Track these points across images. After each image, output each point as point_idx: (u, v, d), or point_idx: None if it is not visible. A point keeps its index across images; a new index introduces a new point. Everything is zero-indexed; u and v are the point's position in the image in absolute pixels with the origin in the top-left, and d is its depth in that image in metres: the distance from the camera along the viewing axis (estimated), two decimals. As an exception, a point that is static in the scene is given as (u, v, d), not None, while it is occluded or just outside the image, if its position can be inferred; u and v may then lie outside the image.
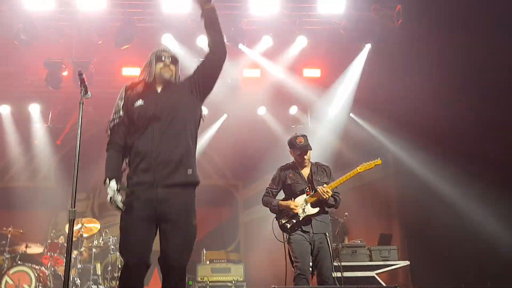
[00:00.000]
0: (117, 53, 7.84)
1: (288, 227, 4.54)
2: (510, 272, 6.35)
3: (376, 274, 6.04)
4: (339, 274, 5.79)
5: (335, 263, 5.83)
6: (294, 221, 4.49)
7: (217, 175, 9.88)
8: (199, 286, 6.64)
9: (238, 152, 9.20)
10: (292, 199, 4.58)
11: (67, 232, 7.68)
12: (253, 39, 7.80)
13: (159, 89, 3.18)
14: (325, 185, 4.44)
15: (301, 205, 4.49)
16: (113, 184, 2.93)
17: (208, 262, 6.98)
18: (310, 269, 4.47)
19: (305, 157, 4.62)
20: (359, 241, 6.49)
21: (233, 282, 6.69)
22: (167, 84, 3.20)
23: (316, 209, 4.46)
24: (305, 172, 4.70)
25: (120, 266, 7.20)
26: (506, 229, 6.56)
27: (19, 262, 6.73)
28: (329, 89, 8.72)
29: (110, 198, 2.90)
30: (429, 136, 7.87)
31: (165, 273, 2.90)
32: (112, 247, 7.45)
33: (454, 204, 7.32)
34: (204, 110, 3.23)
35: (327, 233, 4.48)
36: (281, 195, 4.87)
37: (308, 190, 4.55)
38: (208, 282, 6.66)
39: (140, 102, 3.11)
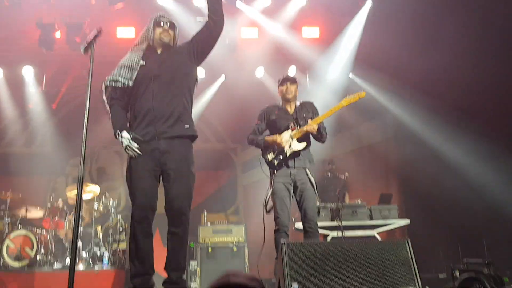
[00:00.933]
0: (111, 13, 7.62)
1: (276, 163, 4.53)
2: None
3: (377, 232, 6.07)
4: (340, 234, 5.88)
5: (335, 223, 5.97)
6: (281, 157, 4.48)
7: (216, 138, 9.82)
8: (201, 247, 6.67)
9: (236, 114, 9.08)
10: (278, 135, 4.54)
11: (66, 195, 7.75)
12: (251, -4, 7.60)
13: (159, 51, 3.51)
14: (309, 120, 4.45)
15: (287, 141, 4.47)
16: (125, 134, 3.28)
17: (209, 224, 6.99)
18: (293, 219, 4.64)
19: (291, 88, 4.61)
20: (359, 201, 6.49)
21: (235, 243, 6.72)
22: (167, 47, 3.52)
23: (303, 144, 4.46)
24: (290, 108, 4.68)
25: (121, 229, 7.24)
26: (509, 188, 6.59)
27: (19, 226, 6.73)
28: (328, 48, 8.54)
29: (127, 146, 3.27)
30: (430, 95, 7.78)
31: (171, 218, 3.31)
32: (112, 210, 7.45)
33: (456, 164, 7.32)
34: (201, 74, 3.41)
35: (307, 169, 4.49)
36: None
37: (293, 126, 4.54)
38: (209, 243, 6.69)
39: (142, 62, 3.42)
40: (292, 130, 4.51)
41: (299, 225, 6.12)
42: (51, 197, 7.57)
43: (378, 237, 6.03)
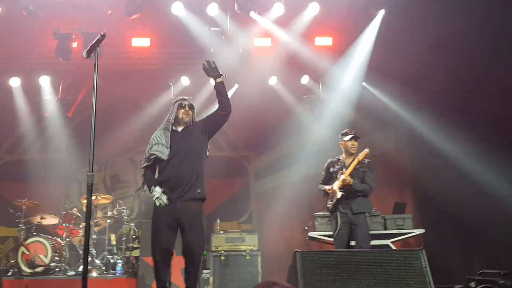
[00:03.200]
0: (126, 23, 7.72)
1: (330, 208, 5.31)
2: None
3: (391, 242, 6.01)
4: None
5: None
6: (332, 202, 5.25)
7: (229, 146, 9.83)
8: (214, 255, 6.67)
9: (249, 123, 9.10)
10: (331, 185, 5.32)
11: (81, 203, 7.83)
12: (265, 6, 7.62)
13: (179, 129, 4.42)
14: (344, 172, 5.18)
15: (335, 190, 5.22)
16: (157, 188, 4.21)
17: (222, 232, 7.00)
18: None
19: (354, 143, 5.38)
20: (373, 210, 6.43)
21: (248, 251, 6.71)
22: (186, 125, 4.43)
23: (340, 193, 5.15)
24: (347, 161, 5.34)
25: (134, 237, 7.28)
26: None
27: (34, 233, 6.80)
28: (341, 57, 8.53)
29: (157, 197, 4.17)
30: (443, 104, 7.74)
31: (188, 258, 4.15)
32: (125, 218, 7.50)
33: (470, 173, 7.24)
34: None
35: (365, 213, 5.15)
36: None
37: (338, 176, 5.26)
38: (222, 252, 6.69)
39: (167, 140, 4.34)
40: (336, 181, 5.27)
41: (312, 234, 6.14)
42: (65, 204, 7.66)
43: (392, 246, 5.99)
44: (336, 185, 5.22)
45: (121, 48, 8.35)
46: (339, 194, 5.15)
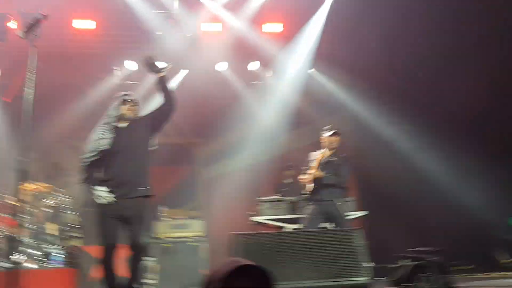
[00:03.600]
0: (69, 4, 7.40)
1: (306, 197, 5.62)
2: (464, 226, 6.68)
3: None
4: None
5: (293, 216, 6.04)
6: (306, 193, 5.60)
7: (176, 133, 9.67)
8: (159, 242, 6.57)
9: (197, 109, 8.99)
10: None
11: (19, 192, 7.45)
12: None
13: (123, 126, 4.31)
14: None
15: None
16: (99, 187, 4.15)
17: (167, 219, 6.89)
18: None
19: (327, 140, 5.68)
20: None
21: (193, 237, 6.66)
22: (131, 121, 4.33)
23: (311, 185, 5.47)
24: (325, 154, 5.65)
25: (75, 227, 7.03)
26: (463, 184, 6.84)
27: (-33, 224, 6.42)
28: (290, 44, 8.58)
29: (101, 197, 4.13)
30: (386, 93, 7.97)
31: (132, 249, 4.17)
32: (67, 207, 7.22)
33: (412, 159, 7.53)
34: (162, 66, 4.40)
35: (334, 199, 5.37)
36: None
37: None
38: (168, 239, 6.60)
39: (112, 136, 4.24)
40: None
41: (257, 218, 6.19)
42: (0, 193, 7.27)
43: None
44: (308, 175, 5.55)
45: (63, 30, 7.98)
46: (310, 186, 5.47)
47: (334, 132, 5.69)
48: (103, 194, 4.12)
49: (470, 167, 7.03)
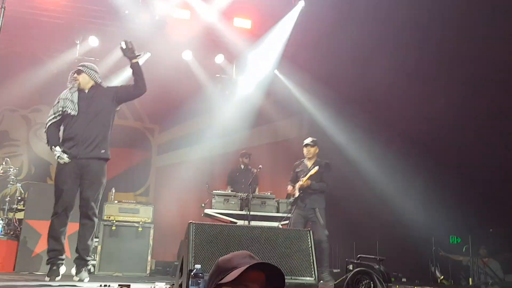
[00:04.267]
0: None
1: (291, 202, 6.21)
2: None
3: (281, 225, 6.27)
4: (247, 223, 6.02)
5: (244, 212, 6.13)
6: (292, 199, 6.20)
7: (133, 116, 9.53)
8: (105, 224, 6.46)
9: (157, 95, 8.75)
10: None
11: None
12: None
13: (86, 90, 4.61)
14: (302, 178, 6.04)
15: (296, 189, 6.12)
16: (58, 148, 4.41)
17: (116, 202, 6.79)
18: None
19: (310, 150, 6.20)
20: (269, 193, 6.67)
21: (141, 223, 6.60)
22: (94, 87, 4.63)
23: (298, 193, 6.08)
24: (309, 164, 6.21)
25: (19, 198, 6.81)
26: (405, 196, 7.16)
27: None
28: (258, 42, 8.63)
29: (58, 156, 4.38)
30: (345, 99, 8.20)
31: (83, 213, 4.47)
32: (12, 177, 6.96)
33: (360, 167, 7.80)
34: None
35: (316, 208, 5.98)
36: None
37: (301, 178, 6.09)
38: (114, 221, 6.51)
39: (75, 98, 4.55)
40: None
41: (208, 211, 6.22)
42: None
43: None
44: (297, 184, 6.11)
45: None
46: (297, 193, 6.08)
47: (307, 144, 6.25)
48: (59, 154, 4.37)
49: (417, 184, 7.40)
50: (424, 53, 7.21)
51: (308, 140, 6.32)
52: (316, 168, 5.97)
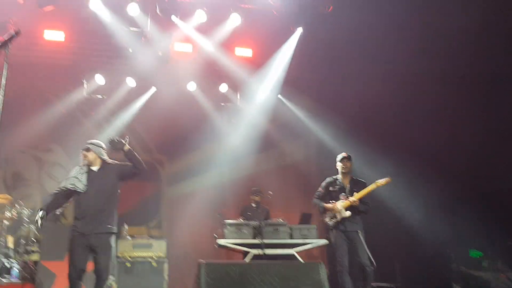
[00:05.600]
0: (39, 15, 7.32)
1: (330, 225, 5.78)
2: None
3: (296, 251, 6.23)
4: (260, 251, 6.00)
5: (256, 241, 6.12)
6: (334, 220, 5.75)
7: (142, 149, 9.62)
8: (119, 261, 6.48)
9: (165, 126, 9.04)
10: (334, 202, 5.81)
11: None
12: (187, 12, 7.61)
13: (95, 169, 4.84)
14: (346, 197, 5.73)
15: (340, 209, 5.70)
16: (41, 212, 4.64)
17: (129, 238, 6.82)
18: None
19: (347, 164, 5.89)
20: (280, 220, 6.65)
21: (155, 258, 6.60)
22: (102, 164, 4.86)
23: (348, 213, 5.66)
24: (345, 181, 5.92)
25: (34, 240, 6.90)
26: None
27: None
28: (260, 69, 8.79)
29: (36, 220, 4.61)
30: (351, 120, 8.24)
31: (98, 278, 4.60)
32: (25, 219, 7.06)
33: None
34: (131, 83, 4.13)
35: (358, 231, 5.65)
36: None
37: (342, 197, 5.77)
38: (128, 258, 6.52)
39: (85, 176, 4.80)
40: (342, 201, 5.74)
41: (222, 241, 6.20)
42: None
43: (297, 256, 6.19)
44: (340, 204, 5.72)
45: (32, 39, 7.89)
46: (347, 214, 5.67)
47: (343, 157, 5.95)
48: (37, 217, 4.62)
49: (437, 203, 7.32)
50: (428, 70, 7.24)
51: (344, 154, 5.99)
52: (373, 185, 5.67)
